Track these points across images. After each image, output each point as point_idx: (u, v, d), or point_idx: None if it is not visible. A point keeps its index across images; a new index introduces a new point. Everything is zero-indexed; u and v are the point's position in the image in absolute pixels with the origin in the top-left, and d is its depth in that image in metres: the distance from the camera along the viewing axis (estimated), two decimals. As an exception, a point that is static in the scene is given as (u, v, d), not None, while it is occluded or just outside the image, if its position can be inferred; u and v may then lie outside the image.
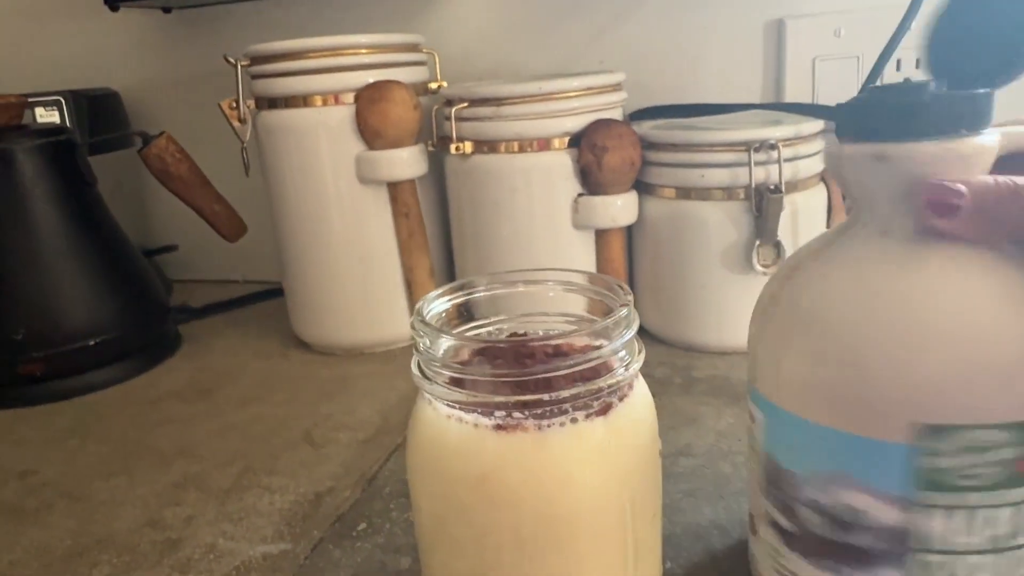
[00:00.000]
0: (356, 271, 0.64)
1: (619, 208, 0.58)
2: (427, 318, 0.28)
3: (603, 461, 0.26)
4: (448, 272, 0.69)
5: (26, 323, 0.61)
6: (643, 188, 0.60)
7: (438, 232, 0.68)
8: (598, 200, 0.58)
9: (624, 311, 0.26)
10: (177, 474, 0.49)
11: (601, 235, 0.60)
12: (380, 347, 0.67)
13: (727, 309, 0.58)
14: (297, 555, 0.40)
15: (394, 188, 0.62)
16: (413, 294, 0.65)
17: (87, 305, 0.63)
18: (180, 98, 0.85)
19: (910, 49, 0.61)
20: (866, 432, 0.25)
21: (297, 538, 0.41)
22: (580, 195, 0.59)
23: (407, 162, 0.61)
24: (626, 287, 0.28)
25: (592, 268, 0.60)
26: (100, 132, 0.78)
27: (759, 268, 0.55)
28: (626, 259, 0.62)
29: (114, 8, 0.75)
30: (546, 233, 0.59)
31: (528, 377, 0.25)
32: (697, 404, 0.52)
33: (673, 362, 0.59)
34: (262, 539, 0.42)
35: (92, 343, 0.63)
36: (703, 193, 0.56)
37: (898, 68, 0.63)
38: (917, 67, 0.63)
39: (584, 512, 0.25)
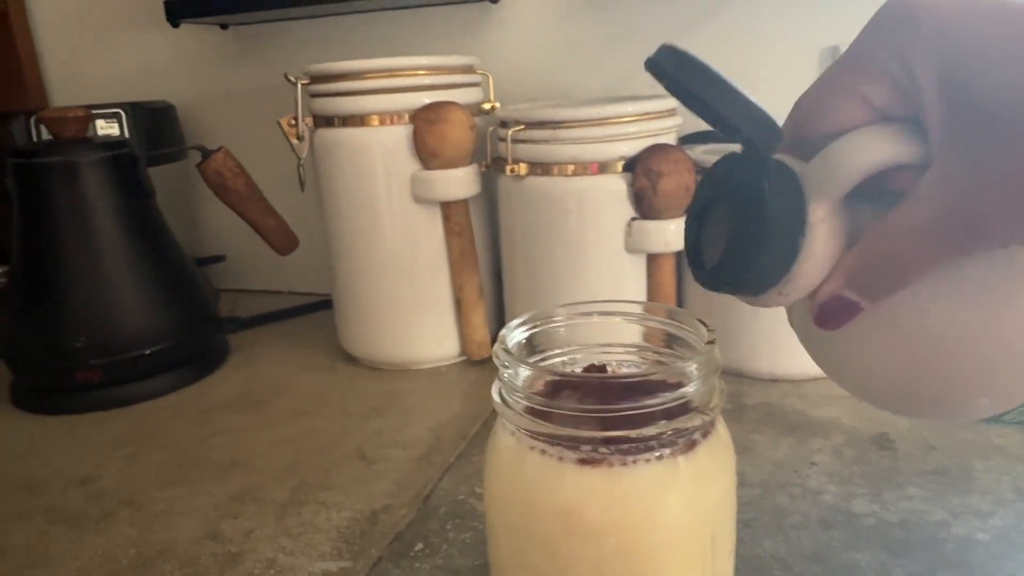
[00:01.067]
0: (406, 288, 0.65)
1: (672, 233, 0.58)
2: (510, 347, 0.28)
3: (687, 498, 0.26)
4: (496, 292, 0.69)
5: (86, 332, 0.62)
6: (695, 213, 0.60)
7: (486, 251, 0.68)
8: (652, 225, 0.58)
9: (710, 350, 0.26)
10: (233, 486, 0.50)
11: (653, 259, 0.60)
12: (427, 364, 0.67)
13: (779, 336, 0.58)
14: (357, 572, 0.40)
15: (447, 207, 0.63)
16: (462, 312, 0.65)
17: (144, 315, 0.65)
18: (234, 113, 0.87)
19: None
20: None
21: (356, 556, 0.42)
22: (633, 219, 0.59)
23: (462, 182, 0.61)
24: (709, 325, 0.28)
25: (642, 292, 0.60)
26: (156, 145, 0.80)
27: (814, 297, 0.55)
28: (676, 285, 0.62)
29: (175, 24, 0.76)
30: (597, 256, 0.60)
31: (616, 413, 0.25)
32: (749, 432, 0.52)
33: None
34: (321, 556, 0.42)
35: (148, 352, 0.64)
36: (758, 220, 0.56)
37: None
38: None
39: (667, 548, 0.26)
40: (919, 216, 0.20)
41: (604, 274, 0.60)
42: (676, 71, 0.22)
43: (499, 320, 0.69)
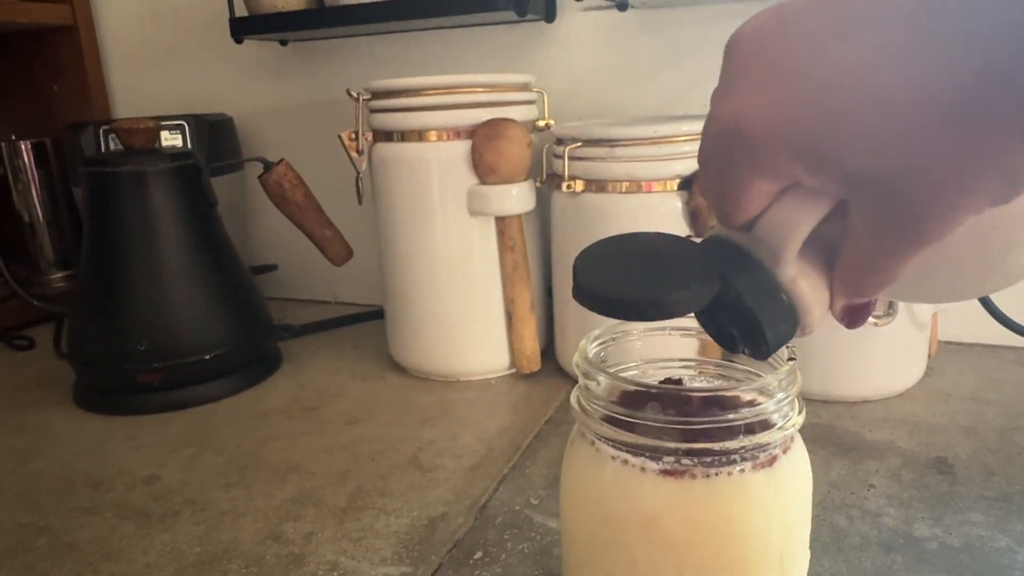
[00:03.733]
0: (458, 301, 0.66)
1: (726, 252, 0.59)
2: (591, 356, 0.29)
3: (766, 511, 0.26)
4: (546, 306, 0.70)
5: (148, 335, 0.64)
6: (749, 232, 0.60)
7: (538, 266, 0.69)
8: (706, 243, 0.58)
9: (789, 367, 0.27)
10: (292, 490, 0.51)
11: (706, 277, 0.60)
12: (477, 376, 0.68)
13: (833, 358, 0.58)
14: (418, 578, 0.41)
15: (502, 222, 0.64)
16: (513, 326, 0.66)
17: (204, 321, 0.66)
18: (290, 126, 0.89)
19: None
20: None
21: (416, 562, 0.43)
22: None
23: (518, 198, 0.62)
24: (791, 345, 0.28)
25: (695, 309, 0.61)
26: (215, 156, 0.82)
27: (871, 320, 0.55)
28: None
29: (239, 41, 0.79)
30: (650, 273, 0.60)
31: (699, 426, 0.25)
32: (804, 453, 0.52)
33: (774, 408, 0.59)
34: (382, 560, 0.43)
35: (207, 357, 0.66)
36: (813, 240, 0.57)
37: None
38: None
39: (746, 560, 0.26)
40: (866, 245, 0.20)
41: (656, 291, 0.60)
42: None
43: (549, 334, 0.70)
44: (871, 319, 0.55)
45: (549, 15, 0.75)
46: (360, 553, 0.44)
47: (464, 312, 0.66)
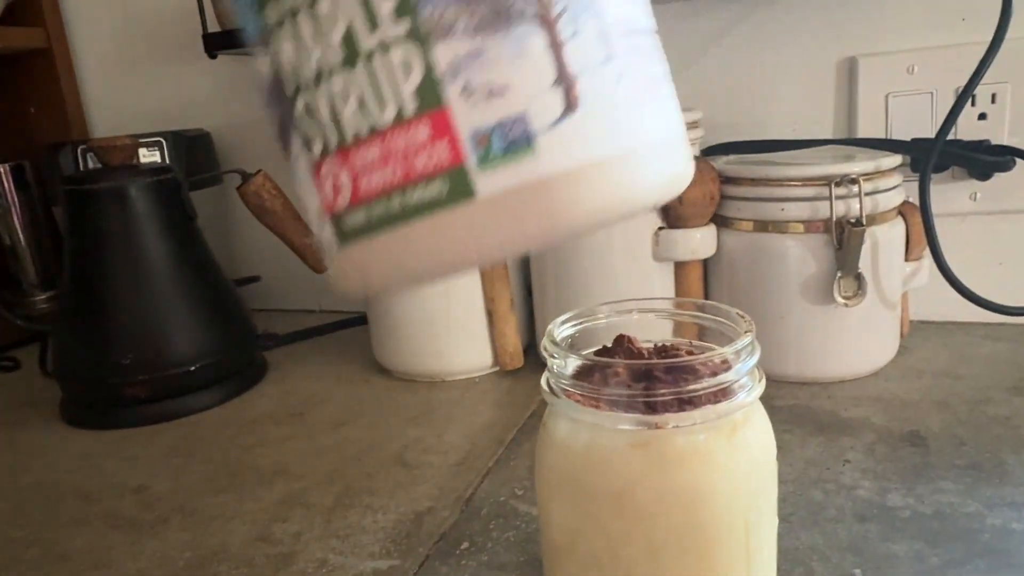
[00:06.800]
0: (439, 301, 0.67)
1: (698, 241, 0.60)
2: (558, 339, 0.30)
3: (730, 479, 0.27)
4: (526, 304, 0.71)
5: (133, 349, 0.65)
6: (720, 221, 0.62)
7: (517, 264, 0.70)
8: (678, 233, 0.60)
9: (749, 338, 0.28)
10: (280, 492, 0.52)
11: (680, 267, 0.61)
12: (461, 375, 0.69)
13: (807, 340, 0.59)
14: (406, 571, 0.42)
15: (478, 222, 0.65)
16: (494, 324, 0.67)
17: (188, 332, 0.67)
18: (269, 139, 0.89)
19: (985, 85, 0.62)
20: None
21: (404, 555, 0.43)
22: (660, 228, 0.60)
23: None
24: (747, 316, 0.30)
25: (671, 299, 0.62)
26: (195, 171, 0.83)
27: (840, 300, 0.56)
28: (703, 291, 0.63)
29: (212, 56, 0.80)
30: (626, 266, 0.61)
31: (663, 397, 0.26)
32: (781, 432, 0.53)
33: (752, 392, 0.60)
34: (370, 555, 0.44)
35: (192, 368, 0.66)
36: (782, 226, 0.58)
37: (973, 103, 0.64)
38: (993, 102, 0.64)
39: (713, 524, 0.27)
40: None
41: (632, 283, 0.62)
42: None
43: (530, 332, 0.71)
44: (841, 298, 0.56)
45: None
46: (348, 549, 0.45)
47: (446, 313, 0.67)
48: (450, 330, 0.67)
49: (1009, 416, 0.53)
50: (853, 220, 0.55)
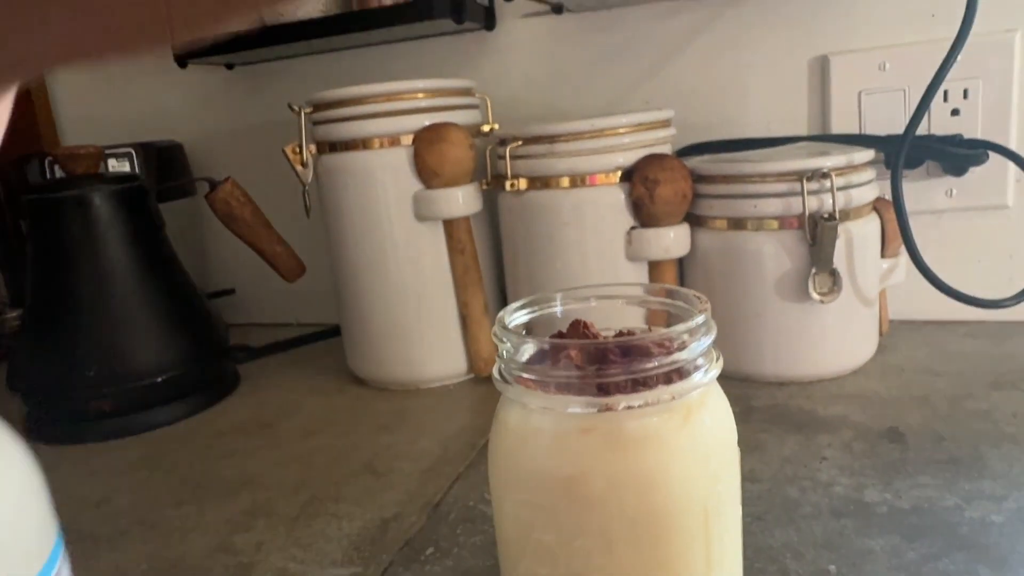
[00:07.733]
0: (412, 308, 0.65)
1: (672, 240, 0.59)
2: (509, 326, 0.29)
3: (686, 463, 0.26)
4: (500, 308, 0.70)
5: (97, 361, 0.63)
6: (694, 220, 0.61)
7: (490, 269, 0.69)
8: (651, 232, 0.59)
9: (702, 317, 0.27)
10: (245, 502, 0.50)
11: (654, 267, 0.60)
12: (435, 382, 0.67)
13: (783, 338, 0.58)
14: (368, 578, 0.40)
15: (450, 225, 0.64)
16: (468, 329, 0.66)
17: (155, 344, 0.65)
18: (241, 148, 0.89)
19: (956, 81, 0.62)
20: None
21: (367, 562, 0.42)
22: (633, 228, 0.60)
23: (463, 200, 0.62)
24: (703, 297, 0.29)
25: (646, 300, 0.61)
26: (166, 181, 0.82)
27: (816, 296, 0.55)
28: (679, 291, 0.62)
29: (182, 65, 0.79)
30: (599, 266, 0.60)
31: (613, 379, 0.25)
32: (758, 431, 0.52)
33: (728, 392, 0.59)
34: (332, 563, 0.42)
35: (159, 380, 0.65)
36: (756, 223, 0.57)
37: (945, 99, 0.64)
38: (965, 97, 0.64)
39: (668, 511, 0.26)
40: None
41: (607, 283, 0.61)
42: None
43: (505, 337, 0.70)
44: (816, 295, 0.56)
45: (489, 23, 0.76)
46: (310, 557, 0.43)
47: (419, 319, 0.66)
48: (424, 338, 0.66)
49: (988, 410, 0.52)
50: (826, 215, 0.55)
